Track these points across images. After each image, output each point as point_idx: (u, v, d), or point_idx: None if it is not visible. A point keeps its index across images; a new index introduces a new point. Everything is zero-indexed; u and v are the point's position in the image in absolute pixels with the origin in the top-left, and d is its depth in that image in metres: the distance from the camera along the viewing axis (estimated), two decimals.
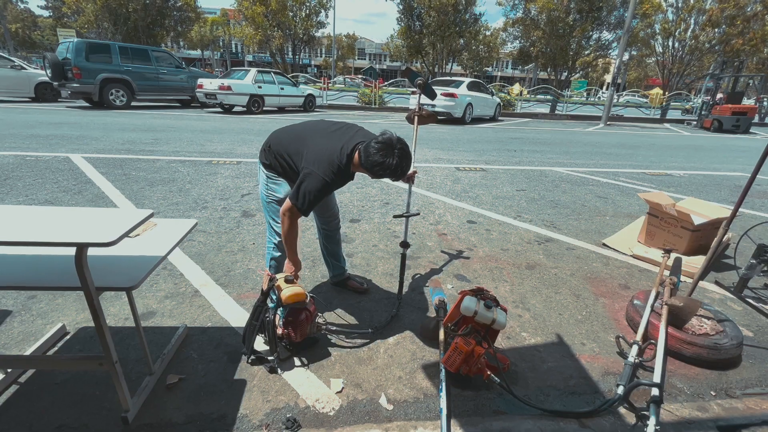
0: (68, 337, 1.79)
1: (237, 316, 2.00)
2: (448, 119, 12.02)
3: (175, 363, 1.66)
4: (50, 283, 1.32)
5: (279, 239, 1.88)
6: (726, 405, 1.60)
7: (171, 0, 23.04)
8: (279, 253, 1.95)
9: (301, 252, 2.77)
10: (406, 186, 2.52)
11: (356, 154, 1.69)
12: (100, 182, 4.11)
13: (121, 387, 1.32)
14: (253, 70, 11.95)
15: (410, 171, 2.30)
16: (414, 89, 2.66)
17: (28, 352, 1.62)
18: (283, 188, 1.86)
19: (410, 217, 2.32)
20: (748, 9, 25.74)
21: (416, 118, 2.53)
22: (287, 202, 1.68)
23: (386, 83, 19.07)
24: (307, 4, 26.57)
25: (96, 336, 1.78)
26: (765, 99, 19.30)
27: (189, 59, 34.78)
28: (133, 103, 11.45)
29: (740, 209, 1.97)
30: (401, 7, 26.58)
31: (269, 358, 1.64)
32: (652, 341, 1.84)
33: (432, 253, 2.91)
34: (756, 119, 17.13)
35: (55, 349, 1.71)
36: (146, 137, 6.93)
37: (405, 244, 2.28)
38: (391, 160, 1.58)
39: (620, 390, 1.55)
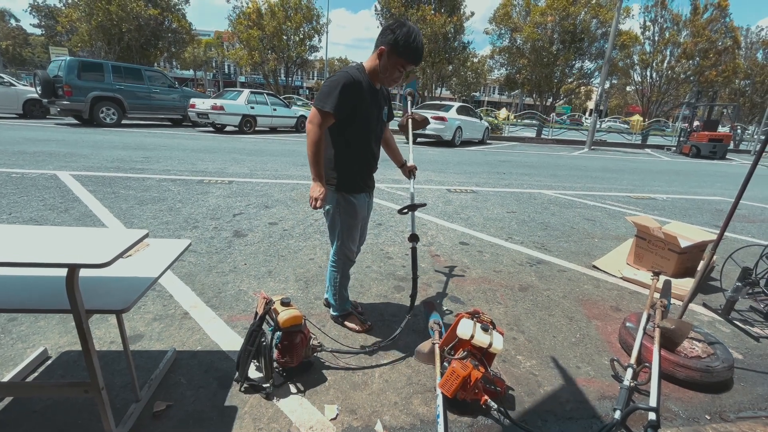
0: (50, 361, 1.71)
1: (228, 340, 1.95)
2: (438, 142, 12.25)
3: (163, 389, 1.60)
4: (36, 306, 1.27)
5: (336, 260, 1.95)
6: (721, 429, 1.61)
7: (166, 22, 23.39)
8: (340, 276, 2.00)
9: (294, 273, 2.74)
10: (396, 207, 2.53)
11: (368, 60, 1.75)
12: (88, 200, 4.04)
13: (106, 415, 1.26)
14: (246, 91, 12.10)
15: (411, 164, 2.32)
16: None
17: (6, 378, 1.54)
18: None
19: (416, 210, 2.28)
20: (719, 43, 27.31)
21: (410, 121, 2.59)
22: (312, 111, 1.63)
23: None
24: (302, 29, 27.25)
25: (79, 361, 1.71)
26: (739, 127, 20.24)
27: (182, 79, 35.03)
28: (123, 122, 11.40)
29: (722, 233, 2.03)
30: None
31: (264, 385, 1.59)
32: (647, 364, 1.84)
33: (426, 275, 2.90)
34: (731, 146, 17.90)
35: (36, 374, 1.63)
36: (136, 155, 6.88)
37: (414, 237, 2.20)
38: (411, 26, 1.65)
39: (617, 415, 1.54)
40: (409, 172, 2.33)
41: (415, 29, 1.66)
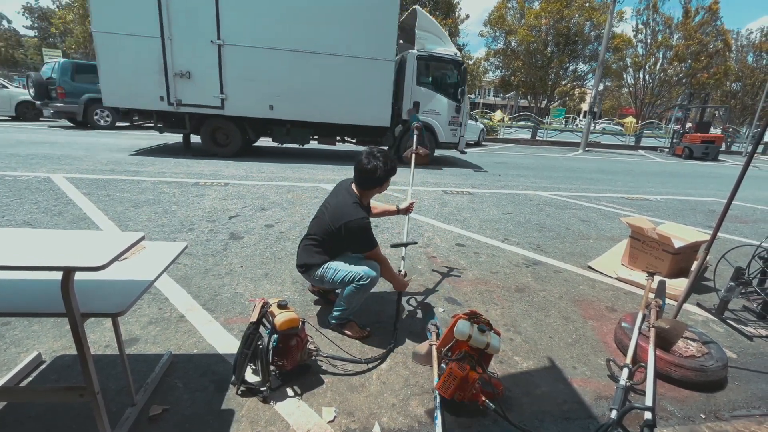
0: (44, 366, 1.69)
1: (224, 343, 1.94)
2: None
3: (159, 393, 1.59)
4: (31, 309, 1.26)
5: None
6: (716, 428, 1.62)
7: None
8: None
9: (291, 275, 2.74)
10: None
11: (359, 191, 2.09)
12: (82, 203, 4.01)
13: (102, 419, 1.25)
14: None
15: (408, 203, 2.46)
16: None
17: (0, 383, 1.52)
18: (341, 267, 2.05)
19: (408, 246, 2.40)
20: (711, 46, 27.67)
21: (413, 156, 2.71)
22: (372, 253, 2.06)
23: None
24: None
25: (73, 365, 1.70)
26: (731, 128, 20.49)
27: None
28: (117, 124, 11.32)
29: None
30: None
31: (261, 389, 1.59)
32: (642, 364, 1.86)
33: (422, 276, 2.91)
34: (723, 147, 18.11)
35: (30, 379, 1.62)
36: (131, 158, 6.83)
37: (403, 275, 2.31)
38: (380, 156, 2.02)
39: (614, 414, 1.55)
40: (406, 211, 2.57)
41: (386, 153, 2.05)
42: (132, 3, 6.49)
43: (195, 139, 8.14)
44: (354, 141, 8.67)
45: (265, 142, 10.94)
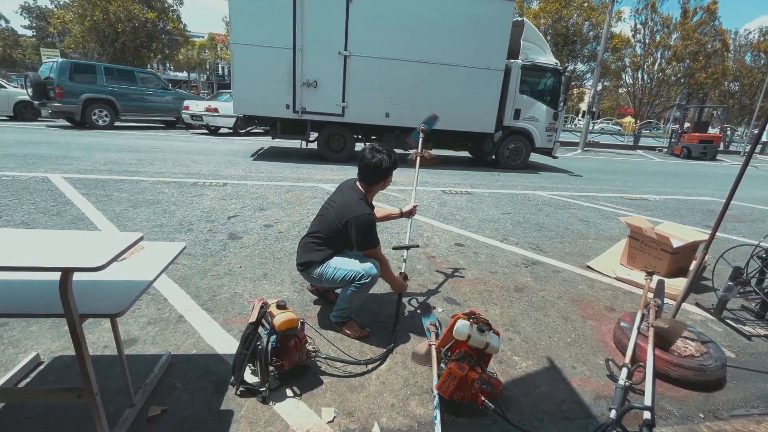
0: (42, 367, 1.69)
1: (223, 343, 1.94)
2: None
3: (158, 393, 1.58)
4: (29, 310, 1.26)
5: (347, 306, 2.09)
6: (715, 427, 1.62)
7: (160, 24, 23.25)
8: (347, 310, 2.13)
9: (290, 275, 2.73)
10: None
11: (365, 187, 2.13)
12: (81, 203, 4.00)
13: (101, 420, 1.25)
14: None
15: (411, 206, 2.46)
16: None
17: None
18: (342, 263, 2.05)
19: (409, 249, 2.42)
20: (709, 46, 27.72)
21: (418, 159, 2.72)
22: (372, 252, 2.04)
23: None
24: None
25: (72, 366, 1.69)
26: (729, 128, 20.54)
27: (175, 81, 34.84)
28: (116, 124, 11.30)
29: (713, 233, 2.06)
30: None
31: (261, 389, 1.58)
32: (641, 363, 1.86)
33: (422, 276, 2.91)
34: (721, 147, 18.16)
35: (28, 380, 1.61)
36: (130, 158, 6.82)
37: (404, 277, 2.31)
38: (383, 150, 2.07)
39: (613, 414, 1.55)
40: (409, 214, 2.57)
41: (389, 148, 2.11)
42: (270, 16, 6.90)
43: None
44: (452, 147, 9.20)
45: (265, 140, 10.92)
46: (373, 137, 8.35)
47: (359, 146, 8.32)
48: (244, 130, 11.54)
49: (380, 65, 7.49)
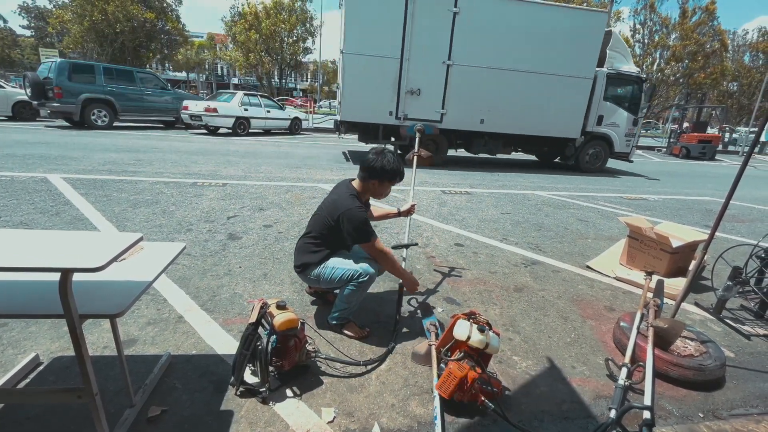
0: (42, 367, 1.69)
1: (223, 343, 1.93)
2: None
3: (158, 394, 1.58)
4: (28, 311, 1.26)
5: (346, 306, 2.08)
6: (715, 427, 1.62)
7: (159, 24, 23.22)
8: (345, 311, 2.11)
9: (289, 275, 2.73)
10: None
11: (357, 184, 2.10)
12: (80, 204, 3.99)
13: (100, 421, 1.25)
14: (240, 93, 12.05)
15: (409, 205, 2.47)
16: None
17: None
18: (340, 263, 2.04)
19: (408, 248, 2.42)
20: (707, 46, 27.76)
21: (415, 158, 2.73)
22: (370, 245, 1.98)
23: None
24: (296, 32, 27.26)
25: (71, 366, 1.69)
26: (727, 128, 20.57)
27: (174, 81, 34.82)
28: (115, 124, 11.29)
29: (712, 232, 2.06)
30: None
31: (260, 389, 1.58)
32: (641, 363, 1.86)
33: (421, 276, 2.91)
34: (720, 147, 18.19)
35: (28, 380, 1.61)
36: (129, 158, 6.81)
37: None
38: (390, 156, 2.03)
39: (613, 414, 1.55)
40: (407, 213, 2.57)
41: (390, 154, 2.05)
42: (382, 28, 7.33)
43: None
44: (527, 151, 9.82)
45: (264, 140, 10.91)
46: (458, 142, 8.86)
47: (451, 152, 9.02)
48: (341, 137, 11.20)
49: (478, 74, 7.90)
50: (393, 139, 8.31)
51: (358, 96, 7.66)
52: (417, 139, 2.93)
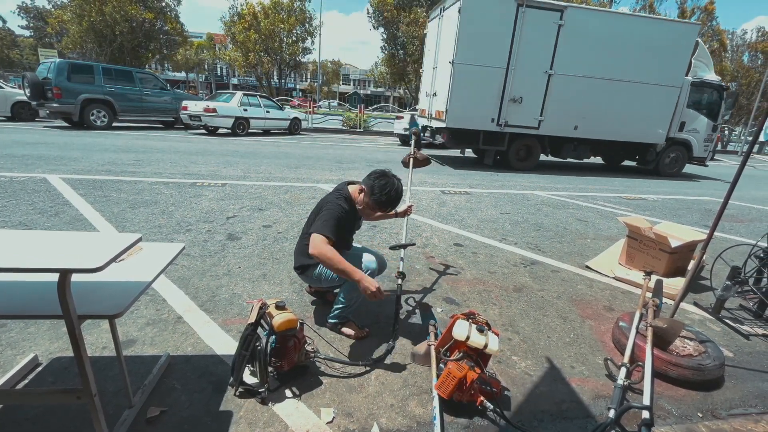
0: (41, 368, 1.68)
1: (222, 344, 1.93)
2: (432, 144, 12.28)
3: (157, 394, 1.58)
4: (27, 311, 1.26)
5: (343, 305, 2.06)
6: (713, 426, 1.63)
7: (158, 24, 23.20)
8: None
9: (289, 276, 2.73)
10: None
11: (354, 189, 2.04)
12: (79, 204, 3.99)
13: (99, 422, 1.25)
14: (239, 93, 12.03)
15: (406, 206, 2.47)
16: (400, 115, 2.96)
17: None
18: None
19: (406, 247, 2.42)
20: (707, 46, 27.82)
21: (411, 160, 2.74)
22: (317, 236, 1.81)
23: (371, 108, 19.49)
24: (295, 32, 27.25)
25: (70, 367, 1.69)
26: (726, 128, 20.60)
27: (174, 81, 34.78)
28: (114, 124, 11.28)
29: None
30: (385, 36, 27.52)
31: (260, 390, 1.58)
32: (640, 363, 1.86)
33: (420, 276, 2.91)
34: (719, 147, 18.21)
35: (27, 381, 1.61)
36: (128, 158, 6.81)
37: (401, 275, 2.31)
38: (393, 180, 1.97)
39: (612, 414, 1.55)
40: (404, 213, 2.55)
41: (392, 183, 1.95)
42: (492, 40, 7.76)
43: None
44: (608, 155, 10.33)
45: (263, 141, 10.90)
46: (547, 148, 9.28)
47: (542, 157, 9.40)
48: (457, 149, 10.88)
49: (576, 82, 8.33)
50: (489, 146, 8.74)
51: (464, 104, 8.05)
52: (412, 141, 2.94)
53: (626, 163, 10.81)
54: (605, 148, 9.60)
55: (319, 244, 1.78)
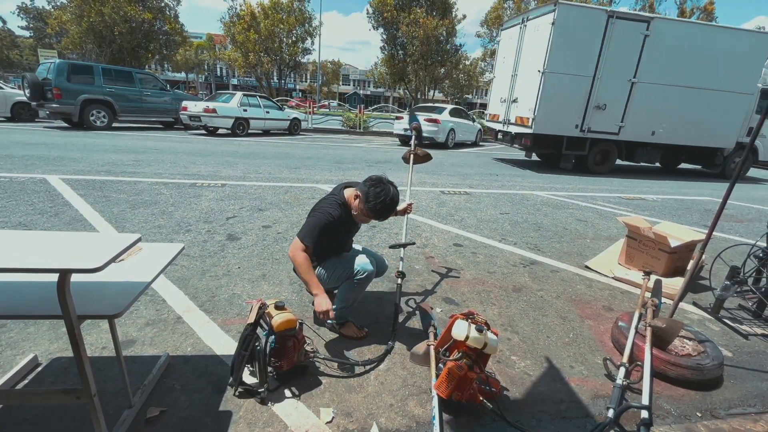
0: (40, 368, 1.69)
1: (222, 344, 1.93)
2: (432, 144, 12.30)
3: (157, 394, 1.58)
4: (26, 312, 1.26)
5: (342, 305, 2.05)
6: (712, 426, 1.63)
7: (157, 24, 23.21)
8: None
9: (288, 276, 2.73)
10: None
11: (350, 194, 2.01)
12: (79, 204, 3.99)
13: (99, 422, 1.25)
14: (239, 94, 12.03)
15: (406, 204, 2.46)
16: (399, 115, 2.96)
17: None
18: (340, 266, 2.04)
19: (406, 247, 2.41)
20: None
21: (412, 157, 2.71)
22: (297, 243, 1.88)
23: (370, 108, 19.49)
24: (294, 32, 27.28)
25: (70, 367, 1.69)
26: None
27: (174, 82, 34.78)
28: (114, 125, 11.29)
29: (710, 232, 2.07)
30: (385, 36, 27.57)
31: (259, 390, 1.58)
32: (639, 363, 1.87)
33: (420, 276, 2.91)
34: None
35: (26, 381, 1.61)
36: (128, 159, 6.81)
37: (401, 275, 2.31)
38: (389, 188, 1.91)
39: (611, 413, 1.56)
40: (404, 212, 2.48)
41: (387, 191, 1.89)
42: (581, 49, 8.11)
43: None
44: (676, 159, 10.79)
45: (263, 141, 10.91)
46: (623, 152, 9.55)
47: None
48: (530, 154, 10.99)
49: (657, 90, 8.63)
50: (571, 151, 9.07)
51: (552, 111, 8.37)
52: (413, 137, 2.91)
53: (629, 164, 10.81)
54: (674, 152, 9.96)
55: (294, 249, 1.89)
